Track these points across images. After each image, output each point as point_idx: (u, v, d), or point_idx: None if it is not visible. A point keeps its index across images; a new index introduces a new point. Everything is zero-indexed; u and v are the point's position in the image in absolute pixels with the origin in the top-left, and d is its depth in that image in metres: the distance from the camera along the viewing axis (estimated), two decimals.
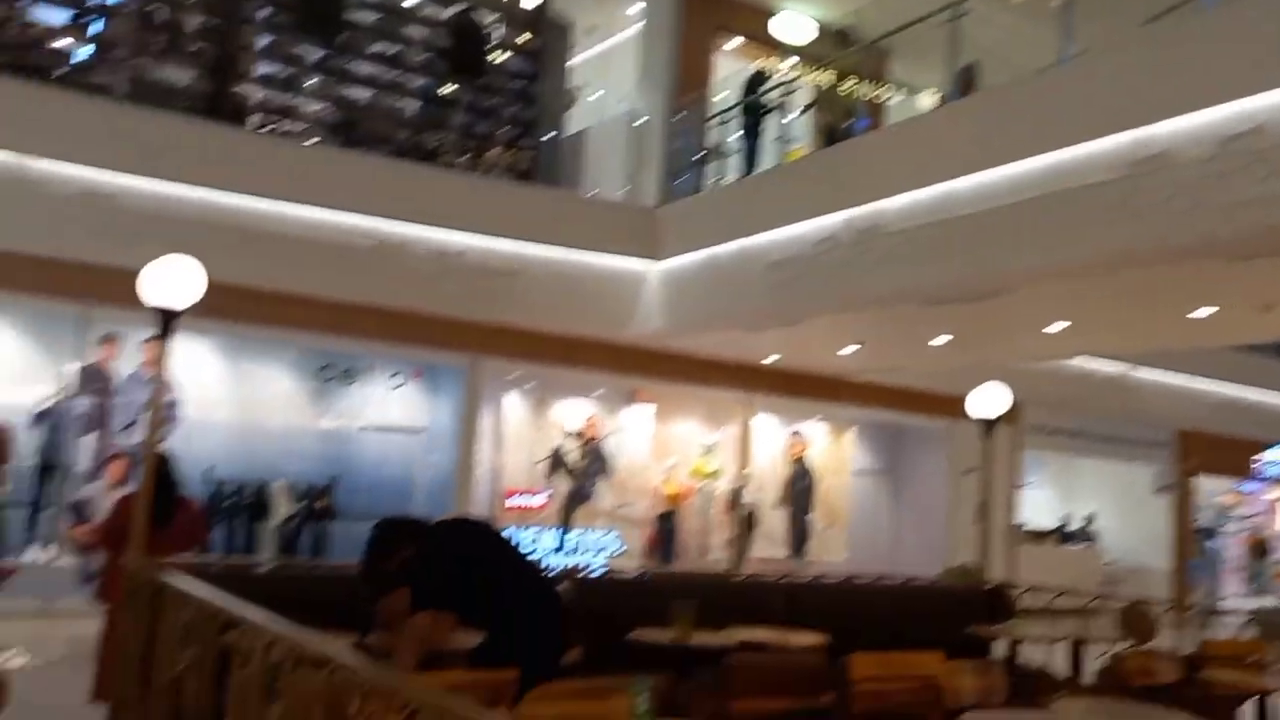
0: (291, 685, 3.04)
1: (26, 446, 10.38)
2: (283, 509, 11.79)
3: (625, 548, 13.63)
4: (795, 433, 14.97)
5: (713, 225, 11.55)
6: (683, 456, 14.23)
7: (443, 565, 4.41)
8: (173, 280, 5.30)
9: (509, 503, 13.09)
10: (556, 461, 13.46)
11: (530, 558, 4.78)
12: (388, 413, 12.87)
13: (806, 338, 11.90)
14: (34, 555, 10.37)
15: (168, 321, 5.36)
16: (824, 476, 15.06)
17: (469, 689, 3.19)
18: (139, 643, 4.45)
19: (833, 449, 15.67)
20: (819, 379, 14.44)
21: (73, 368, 10.63)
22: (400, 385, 13.00)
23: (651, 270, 12.39)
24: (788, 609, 6.61)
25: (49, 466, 10.51)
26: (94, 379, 10.82)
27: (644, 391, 14.15)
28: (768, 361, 13.73)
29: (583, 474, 13.53)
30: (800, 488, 14.64)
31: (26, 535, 10.46)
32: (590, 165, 13.97)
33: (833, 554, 14.98)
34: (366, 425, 12.75)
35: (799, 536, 14.59)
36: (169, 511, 6.13)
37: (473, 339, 12.21)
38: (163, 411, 10.98)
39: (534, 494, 13.29)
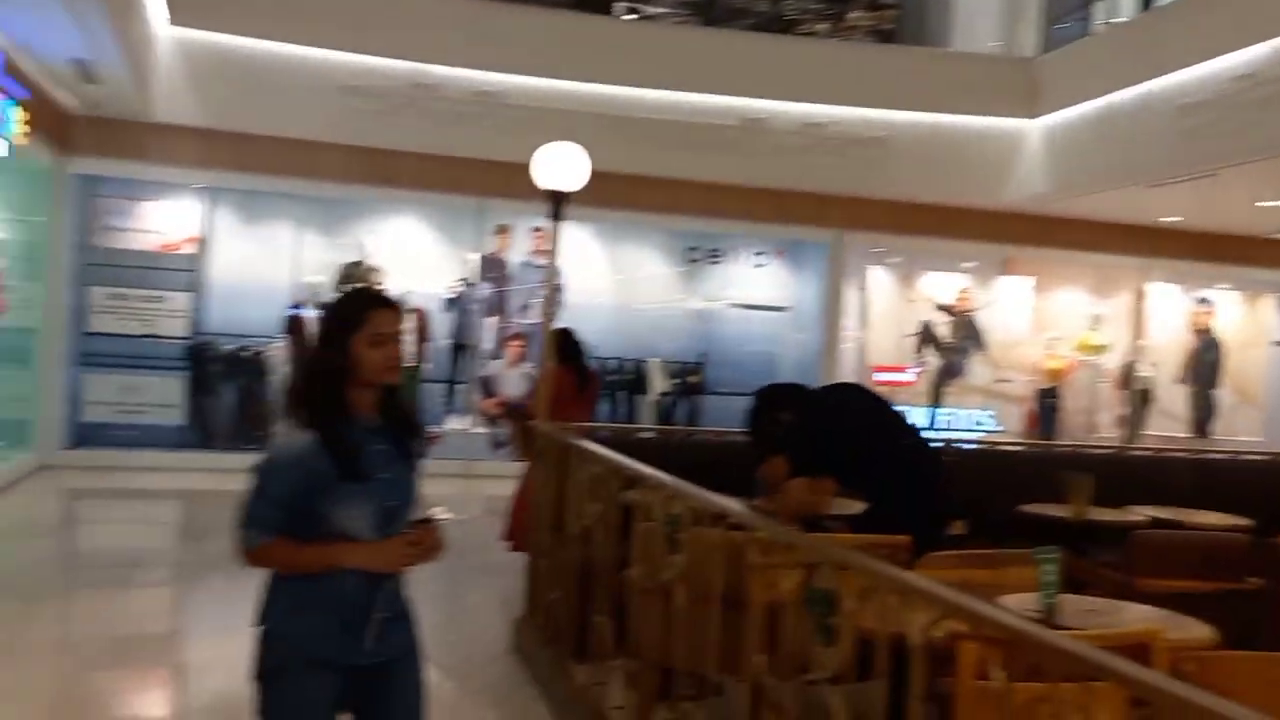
0: (694, 538, 3.19)
1: (441, 328, 11.67)
2: (658, 384, 12.43)
3: (1000, 426, 13.07)
4: (1201, 300, 13.46)
5: (1107, 70, 10.40)
6: (1065, 329, 13.29)
7: (823, 431, 4.37)
8: (561, 165, 5.62)
9: (877, 379, 12.92)
10: (926, 336, 13.06)
11: (913, 426, 4.63)
12: (753, 291, 13.06)
13: (1219, 192, 10.52)
14: (453, 423, 11.73)
15: (557, 204, 5.69)
16: (1234, 349, 13.48)
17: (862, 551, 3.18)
18: (550, 498, 4.89)
19: (1246, 318, 13.94)
20: (1230, 239, 12.81)
21: (474, 257, 11.70)
22: (763, 264, 13.12)
23: (1030, 129, 11.47)
24: (1196, 487, 6.05)
25: (460, 346, 11.75)
26: (492, 267, 11.89)
27: (1020, 261, 13.30)
28: (1167, 222, 12.36)
29: (954, 349, 13.05)
30: (1206, 361, 13.23)
31: (446, 405, 11.83)
32: (958, 19, 13.03)
33: (1245, 432, 13.46)
34: (733, 304, 13.03)
35: (1203, 413, 13.25)
36: (585, 379, 6.70)
37: (838, 213, 12.02)
38: (556, 294, 12.00)
39: (902, 370, 13.01)
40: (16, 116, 8.34)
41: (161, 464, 10.56)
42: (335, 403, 2.42)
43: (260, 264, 11.46)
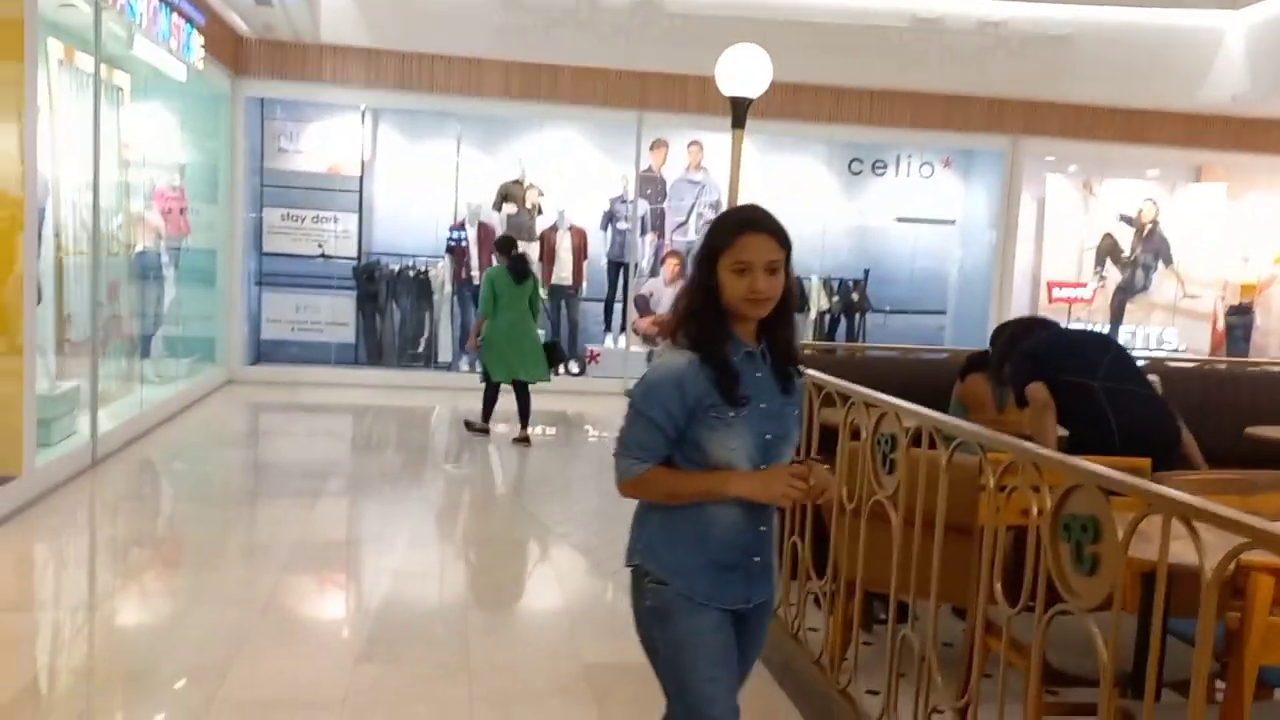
0: (915, 458, 3.02)
1: (599, 246, 11.63)
2: (819, 302, 12.12)
3: (1184, 346, 12.30)
4: None
5: None
6: (1261, 241, 12.32)
7: (1044, 359, 4.26)
8: (743, 69, 5.38)
9: (1053, 294, 12.28)
10: (1107, 249, 12.32)
11: (1130, 358, 4.44)
12: (919, 204, 12.54)
13: None
14: (610, 342, 11.75)
15: (739, 111, 5.47)
16: None
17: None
18: None
19: None
20: None
21: (631, 172, 11.56)
22: (930, 175, 12.55)
23: (1231, 24, 10.50)
24: None
25: (616, 264, 11.69)
26: (648, 183, 11.74)
27: (1212, 168, 12.34)
28: None
29: (1136, 263, 12.28)
30: None
31: (604, 324, 11.84)
32: None
33: None
34: (898, 218, 12.54)
35: None
36: None
37: (1014, 119, 11.35)
38: (706, 209, 11.81)
39: (1080, 286, 12.34)
40: (196, 41, 8.56)
41: (334, 380, 10.94)
42: (714, 323, 2.25)
43: (423, 184, 11.62)
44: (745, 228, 2.23)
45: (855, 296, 12.20)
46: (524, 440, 8.31)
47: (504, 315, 8.15)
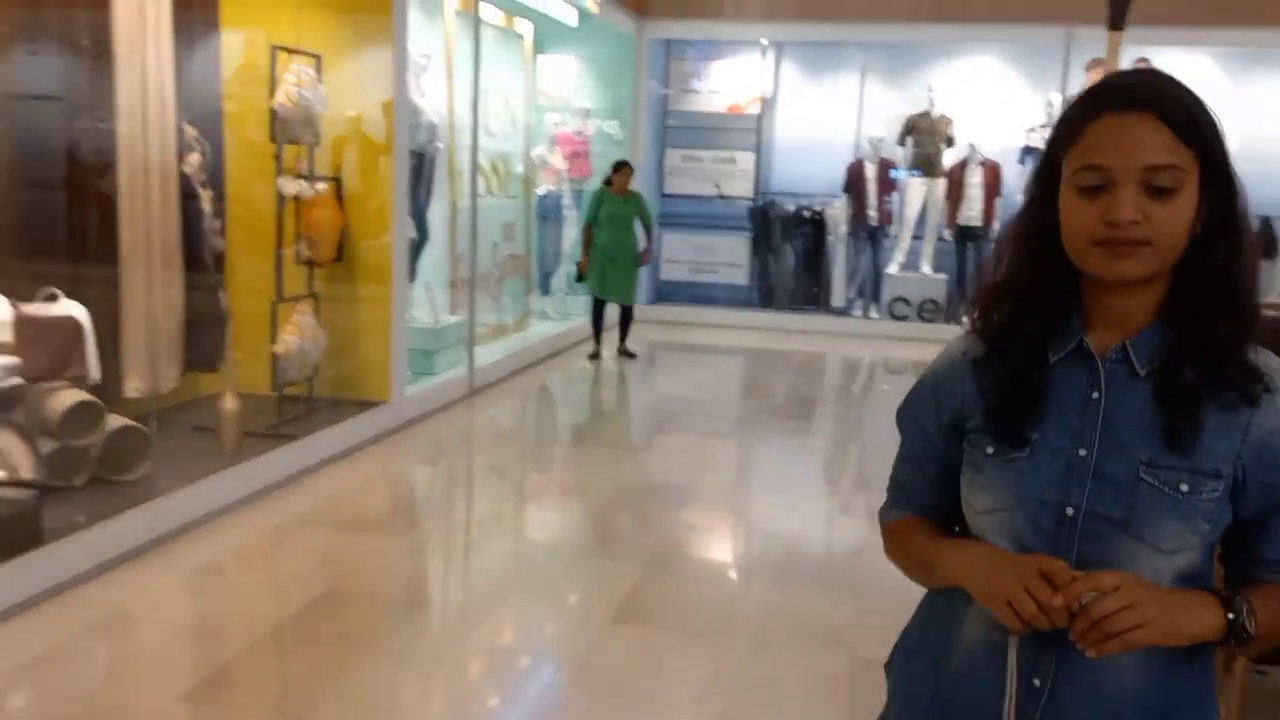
0: None
1: (1014, 182, 10.42)
2: None
3: None
4: None
5: None
6: None
7: None
8: None
9: None
10: None
11: None
12: None
13: None
14: None
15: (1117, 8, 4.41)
16: None
17: None
18: None
19: None
20: None
21: (1059, 98, 10.18)
22: None
23: None
24: None
25: None
26: None
27: None
28: None
29: None
30: None
31: None
32: None
33: None
34: None
35: None
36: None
37: None
38: None
39: None
40: None
41: (726, 321, 10.90)
42: (1040, 288, 1.29)
43: (823, 120, 11.11)
44: (1105, 104, 1.21)
45: None
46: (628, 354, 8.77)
47: (603, 232, 8.38)
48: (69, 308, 4.34)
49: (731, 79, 11.19)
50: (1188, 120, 1.18)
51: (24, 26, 4.52)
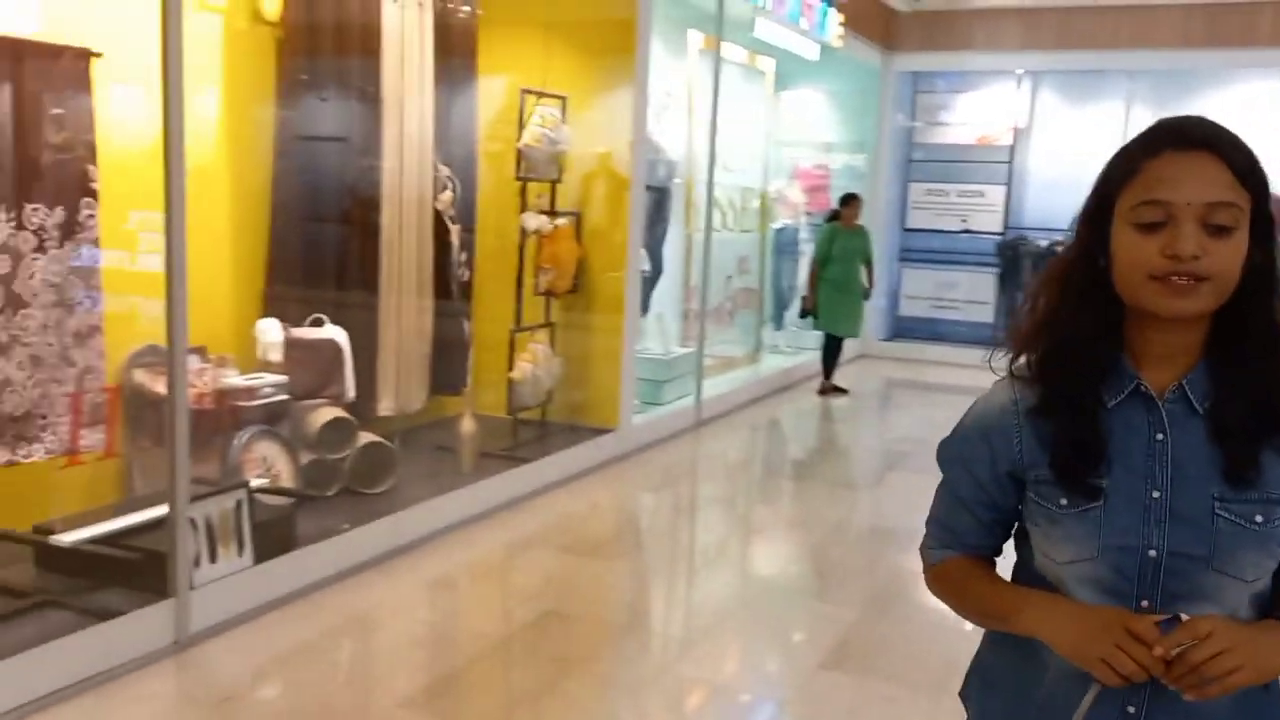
0: None
1: None
2: None
3: None
4: None
5: None
6: None
7: None
8: None
9: None
10: None
11: None
12: None
13: None
14: None
15: None
16: None
17: None
18: None
19: None
20: None
21: None
22: None
23: None
24: None
25: None
26: None
27: None
28: None
29: None
30: None
31: None
32: None
33: None
34: None
35: None
36: None
37: None
38: None
39: None
40: (832, 20, 8.69)
41: (969, 360, 10.44)
42: (1088, 328, 1.28)
43: (1081, 151, 10.49)
44: (1165, 143, 1.23)
45: None
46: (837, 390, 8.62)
47: (834, 266, 8.31)
48: (332, 332, 4.75)
49: (982, 110, 10.81)
50: (1247, 163, 1.22)
51: (316, 75, 5.00)
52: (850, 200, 8.50)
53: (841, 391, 8.70)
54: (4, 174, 3.50)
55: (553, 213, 5.83)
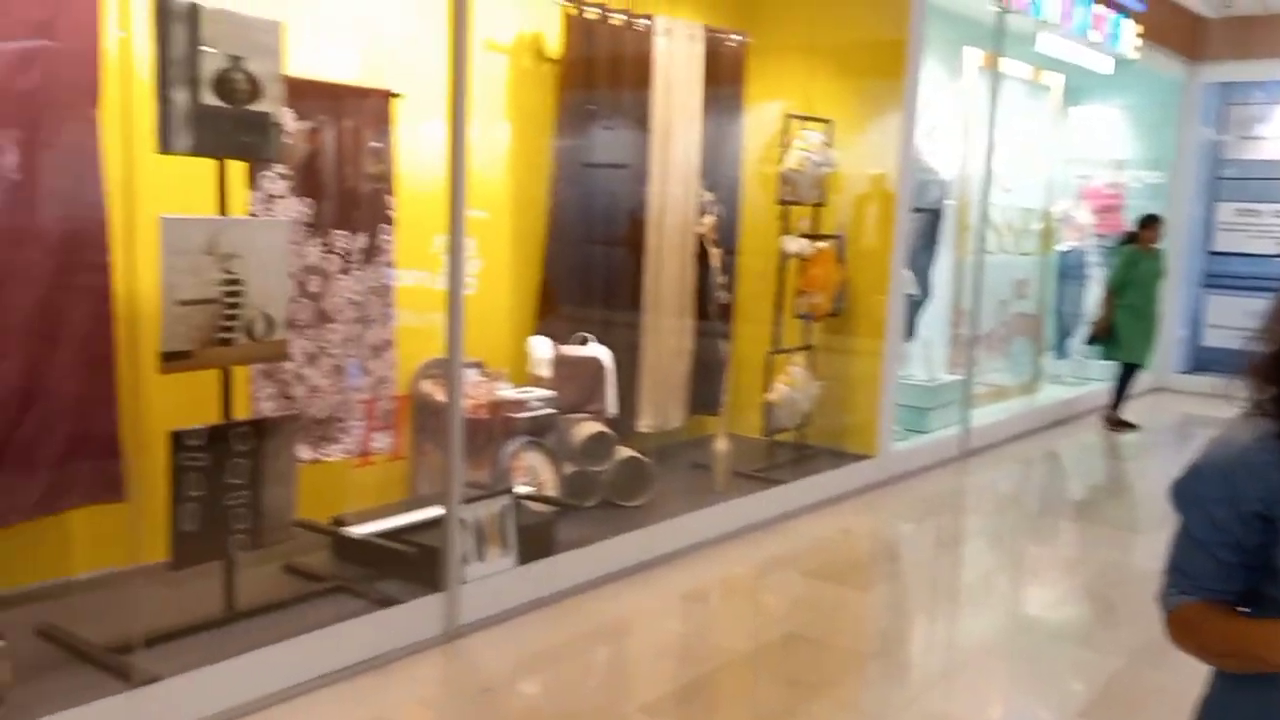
0: None
1: None
2: None
3: None
4: None
5: None
6: None
7: None
8: None
9: None
10: None
11: None
12: None
13: None
14: None
15: None
16: None
17: None
18: None
19: None
20: None
21: None
22: None
23: None
24: None
25: None
26: None
27: None
28: None
29: None
30: None
31: None
32: None
33: None
34: None
35: None
36: None
37: None
38: None
39: None
40: (1128, 30, 8.16)
41: None
42: None
43: None
44: None
45: None
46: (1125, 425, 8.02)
47: (1133, 291, 7.82)
48: (596, 350, 4.99)
49: None
50: None
51: (591, 106, 5.29)
52: (1151, 222, 7.93)
53: (1130, 427, 8.10)
54: (323, 203, 3.96)
55: (815, 236, 5.83)
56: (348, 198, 4.05)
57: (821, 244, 5.82)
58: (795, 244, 5.69)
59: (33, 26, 3.22)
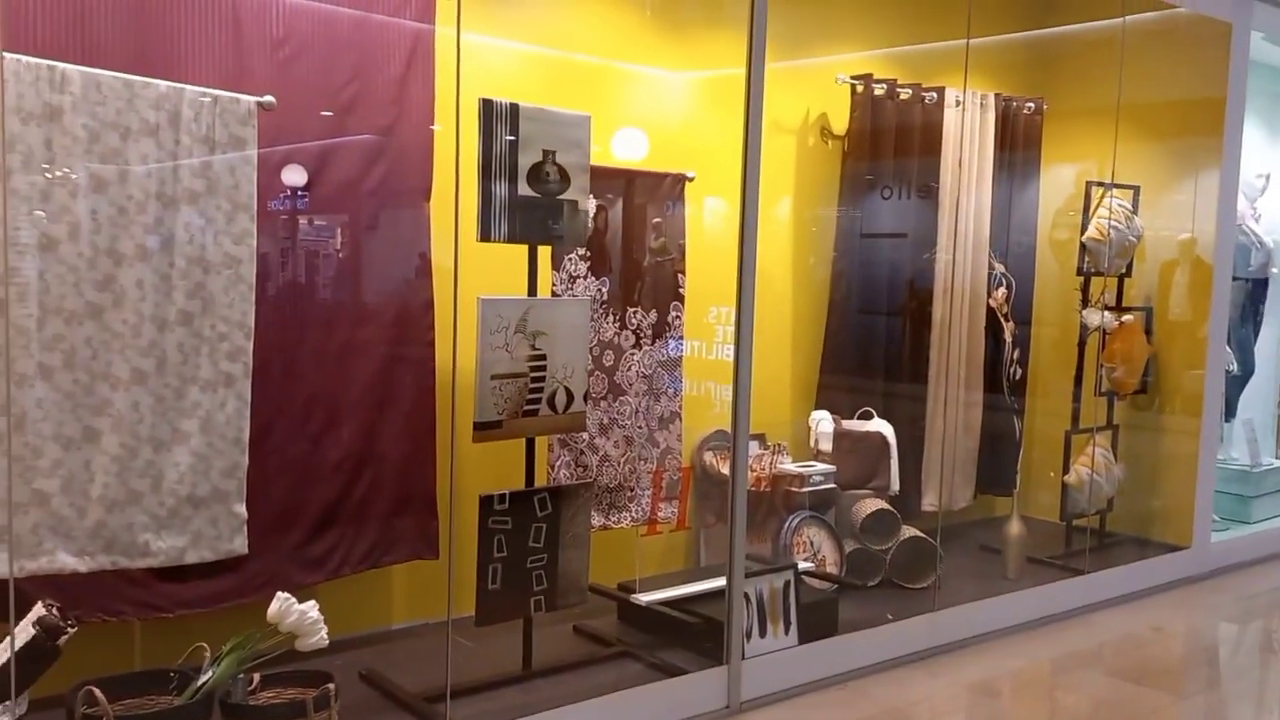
0: None
1: None
2: None
3: None
4: None
5: None
6: None
7: None
8: None
9: None
10: None
11: None
12: None
13: None
14: None
15: None
16: None
17: None
18: None
19: None
20: None
21: None
22: None
23: None
24: None
25: None
26: None
27: None
28: None
29: None
30: None
31: None
32: None
33: None
34: None
35: None
36: None
37: None
38: None
39: None
40: None
41: None
42: None
43: None
44: None
45: None
46: None
47: None
48: (879, 425, 4.90)
49: None
50: None
51: (876, 178, 5.27)
52: None
53: None
54: (619, 281, 4.17)
55: (1119, 308, 5.47)
56: (642, 276, 4.24)
57: (1127, 316, 5.46)
58: (1095, 318, 5.37)
59: (379, 130, 3.63)
